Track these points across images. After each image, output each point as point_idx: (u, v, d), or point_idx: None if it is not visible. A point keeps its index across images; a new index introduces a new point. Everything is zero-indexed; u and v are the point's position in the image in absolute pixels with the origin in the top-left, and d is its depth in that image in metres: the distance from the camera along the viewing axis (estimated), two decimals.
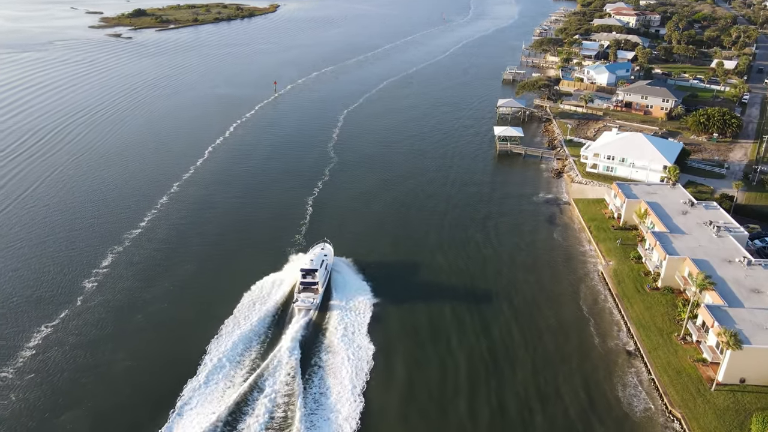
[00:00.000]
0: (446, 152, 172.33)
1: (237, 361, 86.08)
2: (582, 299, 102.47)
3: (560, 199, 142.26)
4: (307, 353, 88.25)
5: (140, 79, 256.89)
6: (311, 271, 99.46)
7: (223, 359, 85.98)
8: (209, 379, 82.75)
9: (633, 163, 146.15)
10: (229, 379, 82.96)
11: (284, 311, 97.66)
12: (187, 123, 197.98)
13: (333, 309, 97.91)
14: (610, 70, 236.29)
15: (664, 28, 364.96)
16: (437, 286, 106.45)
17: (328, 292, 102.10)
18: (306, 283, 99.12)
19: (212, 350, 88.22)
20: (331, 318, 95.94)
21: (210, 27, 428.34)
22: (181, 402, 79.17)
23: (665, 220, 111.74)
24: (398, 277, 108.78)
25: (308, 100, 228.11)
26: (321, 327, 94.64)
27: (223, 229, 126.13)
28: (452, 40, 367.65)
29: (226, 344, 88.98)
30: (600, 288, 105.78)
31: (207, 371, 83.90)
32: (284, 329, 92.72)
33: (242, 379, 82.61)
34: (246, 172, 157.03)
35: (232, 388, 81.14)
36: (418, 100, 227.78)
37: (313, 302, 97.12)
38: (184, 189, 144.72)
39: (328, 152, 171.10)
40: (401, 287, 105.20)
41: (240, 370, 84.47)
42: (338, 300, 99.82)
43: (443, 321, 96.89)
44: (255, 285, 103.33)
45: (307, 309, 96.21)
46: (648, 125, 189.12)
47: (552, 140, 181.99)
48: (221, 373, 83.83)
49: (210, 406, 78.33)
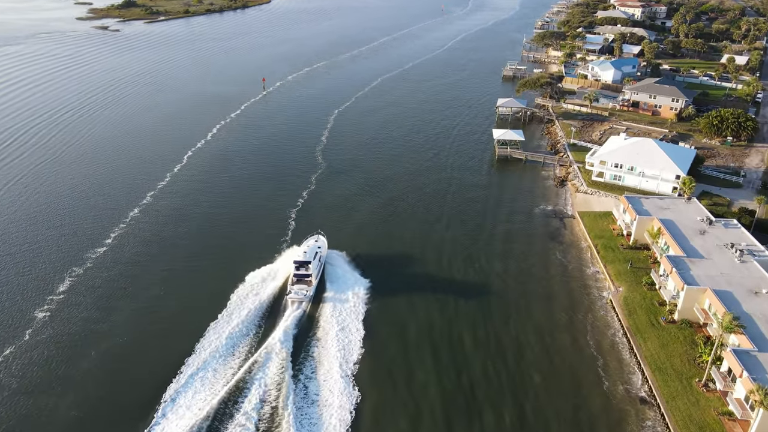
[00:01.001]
0: (441, 157, 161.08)
1: (229, 353, 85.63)
2: (589, 332, 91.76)
3: (564, 212, 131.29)
4: (300, 345, 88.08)
5: (122, 75, 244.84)
6: (304, 263, 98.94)
7: (215, 351, 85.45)
8: (201, 370, 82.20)
9: (642, 172, 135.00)
10: (220, 370, 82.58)
11: (278, 303, 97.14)
12: (167, 124, 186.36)
13: (326, 301, 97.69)
14: (616, 66, 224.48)
15: (671, 21, 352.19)
16: (431, 284, 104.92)
17: (321, 284, 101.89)
18: (299, 275, 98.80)
19: (205, 342, 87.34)
20: (324, 310, 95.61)
21: (202, 19, 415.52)
22: (172, 393, 78.54)
23: (681, 241, 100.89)
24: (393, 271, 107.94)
25: (298, 99, 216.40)
26: (314, 319, 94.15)
27: (198, 246, 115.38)
28: (451, 33, 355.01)
29: (218, 336, 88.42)
30: (609, 319, 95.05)
31: (199, 363, 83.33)
32: (277, 321, 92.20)
33: (234, 371, 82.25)
34: (226, 179, 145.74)
35: (223, 380, 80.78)
36: (413, 99, 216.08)
37: (307, 294, 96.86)
38: (158, 200, 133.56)
39: (316, 157, 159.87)
40: (395, 280, 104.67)
41: (232, 362, 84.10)
42: (332, 292, 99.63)
43: (436, 316, 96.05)
44: (248, 277, 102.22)
45: (300, 301, 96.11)
46: (657, 127, 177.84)
47: (555, 144, 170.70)
48: (213, 364, 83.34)
49: (201, 397, 78.04)
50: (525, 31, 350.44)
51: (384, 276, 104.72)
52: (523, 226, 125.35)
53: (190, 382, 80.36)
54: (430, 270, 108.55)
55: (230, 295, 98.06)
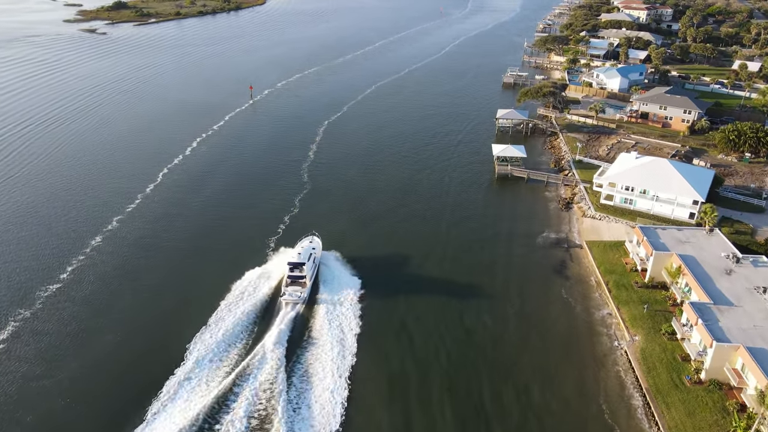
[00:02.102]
0: (436, 176, 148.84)
1: (222, 355, 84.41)
2: (602, 395, 79.62)
3: (570, 240, 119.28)
4: (293, 347, 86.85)
5: (101, 81, 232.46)
6: (299, 264, 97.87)
7: (207, 353, 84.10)
8: (193, 372, 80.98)
9: (656, 195, 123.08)
10: (213, 372, 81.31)
11: (271, 305, 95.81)
12: (144, 137, 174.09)
13: (321, 303, 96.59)
14: (623, 73, 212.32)
15: (677, 24, 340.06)
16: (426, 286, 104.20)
17: (316, 285, 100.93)
18: (293, 276, 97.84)
19: (197, 343, 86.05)
20: (319, 311, 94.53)
21: (193, 21, 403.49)
22: (164, 395, 77.34)
23: (705, 283, 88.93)
24: None
25: (286, 109, 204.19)
26: (308, 321, 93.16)
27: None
28: (449, 37, 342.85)
29: (211, 338, 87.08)
30: (624, 376, 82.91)
31: (191, 364, 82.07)
32: (271, 323, 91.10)
33: (226, 373, 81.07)
34: (203, 201, 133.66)
35: (215, 382, 79.55)
36: (407, 110, 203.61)
37: (301, 296, 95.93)
38: (125, 225, 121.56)
39: (301, 176, 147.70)
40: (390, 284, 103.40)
41: (225, 364, 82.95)
42: (326, 294, 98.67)
43: (430, 319, 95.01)
44: (241, 279, 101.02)
45: (294, 303, 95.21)
46: (668, 141, 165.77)
47: (559, 160, 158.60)
48: (205, 366, 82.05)
49: (193, 398, 76.65)
50: (526, 35, 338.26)
51: (379, 279, 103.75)
52: (525, 256, 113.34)
53: (182, 384, 79.13)
54: (425, 285, 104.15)
55: (224, 297, 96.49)
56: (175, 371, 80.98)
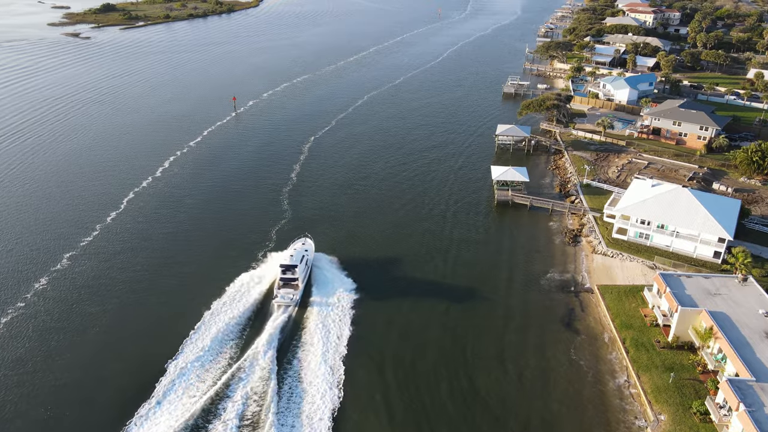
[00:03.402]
0: (428, 202, 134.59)
1: (214, 358, 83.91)
2: None
3: (579, 283, 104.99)
4: (285, 349, 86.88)
5: (76, 91, 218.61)
6: (291, 266, 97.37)
7: (199, 356, 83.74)
8: (184, 375, 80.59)
9: (676, 231, 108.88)
10: (204, 375, 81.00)
11: (264, 308, 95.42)
12: (112, 156, 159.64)
13: (313, 305, 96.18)
14: (631, 84, 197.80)
15: (685, 28, 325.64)
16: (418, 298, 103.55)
17: (308, 287, 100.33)
18: (285, 279, 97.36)
19: (188, 346, 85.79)
20: (311, 314, 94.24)
21: (183, 25, 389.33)
22: (154, 397, 77.20)
23: (743, 350, 74.71)
24: None
25: (270, 123, 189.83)
26: (300, 323, 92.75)
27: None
28: (447, 41, 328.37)
29: (203, 341, 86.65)
30: None
31: (181, 367, 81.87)
32: (263, 325, 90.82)
33: (218, 376, 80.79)
34: (166, 233, 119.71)
35: (206, 385, 79.24)
36: (399, 125, 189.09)
37: (293, 298, 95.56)
38: (77, 262, 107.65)
39: (281, 202, 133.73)
40: None
41: (216, 367, 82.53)
42: (318, 296, 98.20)
43: (423, 320, 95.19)
44: (234, 282, 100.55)
45: (287, 305, 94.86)
46: (684, 161, 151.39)
47: (564, 183, 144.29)
48: (197, 369, 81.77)
49: (184, 401, 76.49)
50: (527, 39, 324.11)
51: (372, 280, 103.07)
52: (527, 303, 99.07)
53: (173, 386, 78.75)
54: (417, 290, 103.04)
55: (216, 300, 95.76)
56: (165, 374, 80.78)
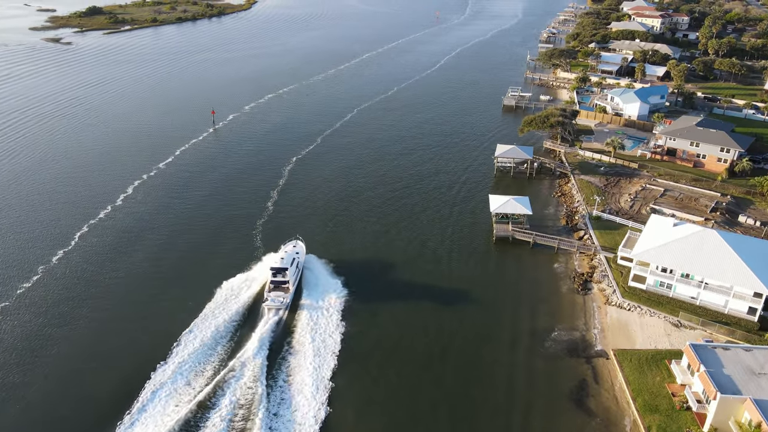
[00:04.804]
0: (417, 236, 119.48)
1: (203, 362, 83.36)
2: None
3: (591, 345, 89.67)
4: (275, 353, 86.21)
5: (40, 102, 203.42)
6: (281, 269, 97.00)
7: (188, 359, 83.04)
8: (173, 379, 79.91)
9: (704, 282, 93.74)
10: (193, 379, 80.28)
11: (254, 311, 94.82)
12: (71, 180, 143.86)
13: (304, 308, 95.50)
14: (642, 97, 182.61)
15: (694, 33, 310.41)
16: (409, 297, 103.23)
17: (299, 290, 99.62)
18: (276, 282, 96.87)
19: (178, 350, 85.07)
20: (302, 317, 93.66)
21: (171, 29, 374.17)
22: (142, 401, 76.22)
23: None
24: None
25: (250, 140, 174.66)
26: (291, 326, 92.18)
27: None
28: (444, 47, 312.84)
29: (192, 344, 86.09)
30: None
31: (171, 371, 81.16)
32: (253, 329, 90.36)
33: (207, 380, 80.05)
34: (117, 275, 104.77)
35: (196, 388, 78.46)
36: (390, 143, 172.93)
37: (283, 302, 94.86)
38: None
39: (253, 238, 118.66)
40: None
41: (206, 371, 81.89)
42: (309, 299, 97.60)
43: (413, 315, 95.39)
44: (224, 285, 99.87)
45: (277, 309, 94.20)
46: (704, 187, 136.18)
47: (571, 214, 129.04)
48: (186, 373, 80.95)
49: (173, 405, 75.64)
50: (528, 45, 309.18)
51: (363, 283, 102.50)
52: (529, 372, 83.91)
53: (162, 390, 78.05)
54: (407, 267, 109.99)
55: (206, 304, 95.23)
56: (153, 377, 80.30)
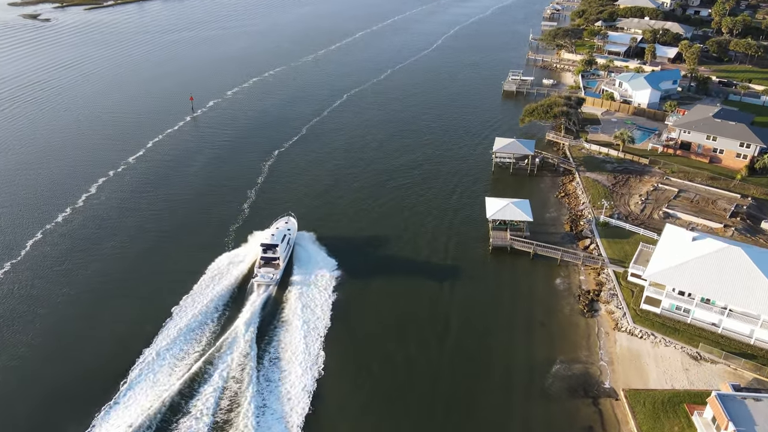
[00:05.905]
0: (406, 244, 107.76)
1: (192, 338, 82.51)
2: None
3: (598, 382, 78.58)
4: (265, 329, 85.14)
5: (12, 87, 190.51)
6: (271, 246, 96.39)
7: (177, 336, 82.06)
8: (162, 355, 78.96)
9: (728, 308, 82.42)
10: (183, 355, 79.51)
11: (244, 287, 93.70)
12: (25, 178, 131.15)
13: (294, 284, 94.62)
14: (653, 83, 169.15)
15: (706, 10, 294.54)
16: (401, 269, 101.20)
17: (290, 266, 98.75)
18: (266, 258, 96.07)
19: (168, 327, 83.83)
20: (292, 293, 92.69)
21: (157, 4, 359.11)
22: (131, 377, 75.78)
23: None
24: None
25: (230, 128, 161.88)
26: (280, 303, 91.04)
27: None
28: (442, 26, 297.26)
29: (181, 321, 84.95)
30: None
31: (160, 348, 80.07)
32: (243, 305, 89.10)
33: (197, 356, 79.27)
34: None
35: (185, 365, 77.83)
36: (379, 134, 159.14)
37: (273, 278, 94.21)
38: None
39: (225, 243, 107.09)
40: None
41: (195, 347, 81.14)
42: (299, 275, 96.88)
43: (404, 300, 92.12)
44: (214, 261, 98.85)
45: (267, 285, 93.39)
46: (722, 187, 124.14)
47: (575, 218, 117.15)
48: (175, 349, 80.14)
49: (162, 382, 75.18)
50: (531, 22, 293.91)
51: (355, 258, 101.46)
52: (525, 419, 72.83)
53: (151, 367, 77.22)
54: (399, 260, 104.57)
55: (196, 280, 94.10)
56: (144, 354, 79.39)
